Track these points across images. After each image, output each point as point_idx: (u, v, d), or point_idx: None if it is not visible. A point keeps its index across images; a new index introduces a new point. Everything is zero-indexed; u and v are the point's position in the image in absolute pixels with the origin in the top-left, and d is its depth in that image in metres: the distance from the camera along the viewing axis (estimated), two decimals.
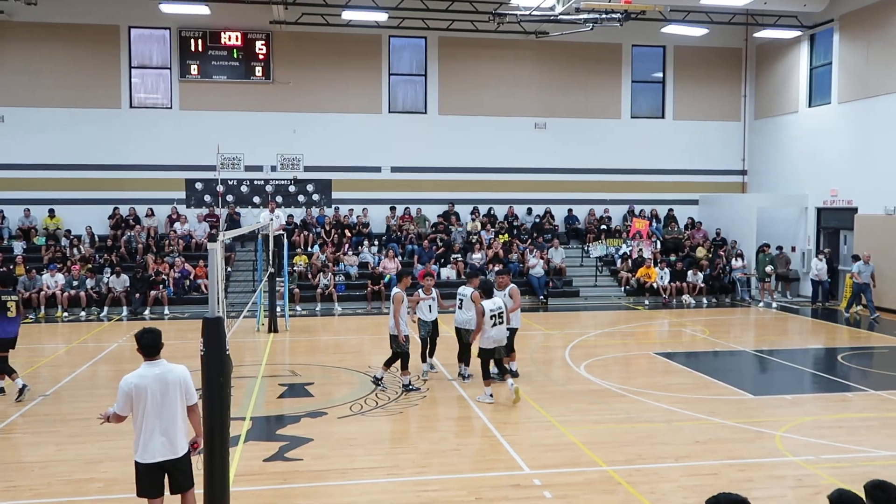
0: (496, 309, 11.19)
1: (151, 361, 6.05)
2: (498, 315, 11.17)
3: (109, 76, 24.07)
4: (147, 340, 6.04)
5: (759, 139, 27.13)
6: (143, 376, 5.98)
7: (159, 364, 6.06)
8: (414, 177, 25.75)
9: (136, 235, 23.11)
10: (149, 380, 5.96)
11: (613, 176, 26.89)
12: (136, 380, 5.96)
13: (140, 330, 6.14)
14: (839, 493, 4.16)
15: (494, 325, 11.15)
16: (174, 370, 6.12)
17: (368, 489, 7.98)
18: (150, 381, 5.96)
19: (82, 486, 8.04)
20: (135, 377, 5.98)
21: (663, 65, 27.21)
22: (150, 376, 5.98)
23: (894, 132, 21.04)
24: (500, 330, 11.21)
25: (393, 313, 11.84)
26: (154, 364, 6.04)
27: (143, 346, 6.05)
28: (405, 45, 25.90)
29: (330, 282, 21.71)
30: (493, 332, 11.15)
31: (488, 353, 11.27)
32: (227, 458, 6.85)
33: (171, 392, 6.01)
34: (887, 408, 11.22)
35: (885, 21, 21.34)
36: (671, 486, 8.05)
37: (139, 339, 6.07)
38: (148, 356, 6.06)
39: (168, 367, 6.11)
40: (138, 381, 5.95)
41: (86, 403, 11.32)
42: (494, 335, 11.18)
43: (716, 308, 22.45)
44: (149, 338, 6.04)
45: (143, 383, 5.94)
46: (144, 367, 6.04)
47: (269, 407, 11.20)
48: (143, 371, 6.01)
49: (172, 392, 6.01)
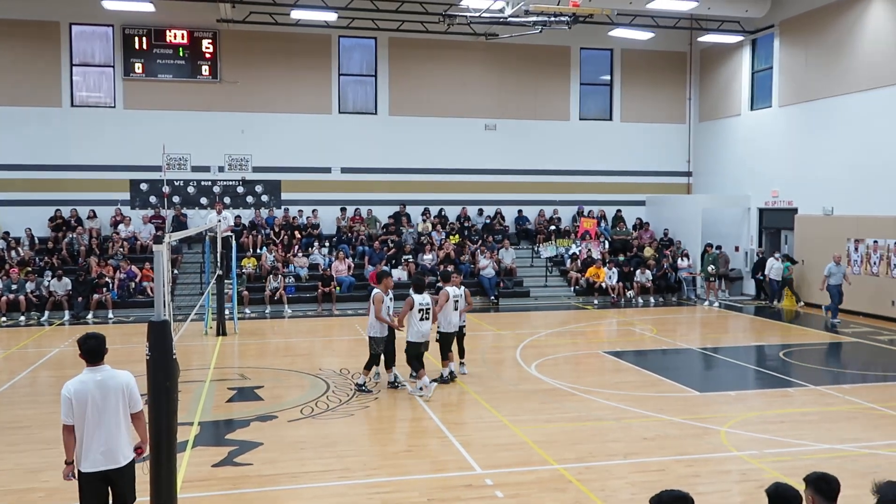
0: (424, 304, 11.66)
1: (93, 367, 5.87)
2: (425, 311, 11.65)
3: (50, 74, 23.39)
4: (90, 346, 5.85)
5: (704, 141, 27.73)
6: (83, 382, 5.80)
7: (101, 370, 5.87)
8: (364, 178, 25.65)
9: (78, 237, 22.52)
10: (89, 385, 5.78)
11: (562, 177, 27.19)
12: (77, 385, 5.78)
13: (83, 335, 5.94)
14: (776, 487, 4.28)
15: (422, 320, 11.63)
16: (117, 376, 5.93)
17: (320, 493, 7.92)
18: (91, 386, 5.78)
19: (23, 496, 7.80)
20: (75, 383, 5.80)
21: (611, 68, 27.62)
22: (91, 382, 5.80)
23: (832, 135, 21.73)
24: (427, 325, 11.71)
25: (375, 313, 11.72)
26: (96, 370, 5.86)
27: (85, 352, 5.86)
28: (355, 46, 25.78)
29: (279, 284, 21.47)
30: (421, 327, 11.62)
31: (415, 347, 11.70)
32: (175, 464, 6.72)
33: (113, 398, 5.82)
34: (827, 402, 11.57)
35: (822, 27, 22.02)
36: (620, 482, 8.17)
37: (82, 345, 5.88)
38: (90, 362, 5.88)
39: (111, 372, 5.92)
40: (78, 387, 5.77)
41: (25, 411, 10.99)
42: (422, 329, 11.64)
43: (663, 307, 22.87)
44: (92, 343, 5.85)
45: (83, 389, 5.75)
46: (86, 372, 5.86)
47: (218, 411, 11.02)
48: (83, 377, 5.84)
49: (114, 398, 5.82)
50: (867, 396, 11.82)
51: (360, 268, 23.07)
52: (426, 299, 11.80)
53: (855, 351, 16.29)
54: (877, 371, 14.43)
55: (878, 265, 19.79)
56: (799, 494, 4.24)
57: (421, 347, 11.79)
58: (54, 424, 10.21)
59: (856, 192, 20.80)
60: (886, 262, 19.62)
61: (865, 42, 20.57)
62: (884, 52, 19.97)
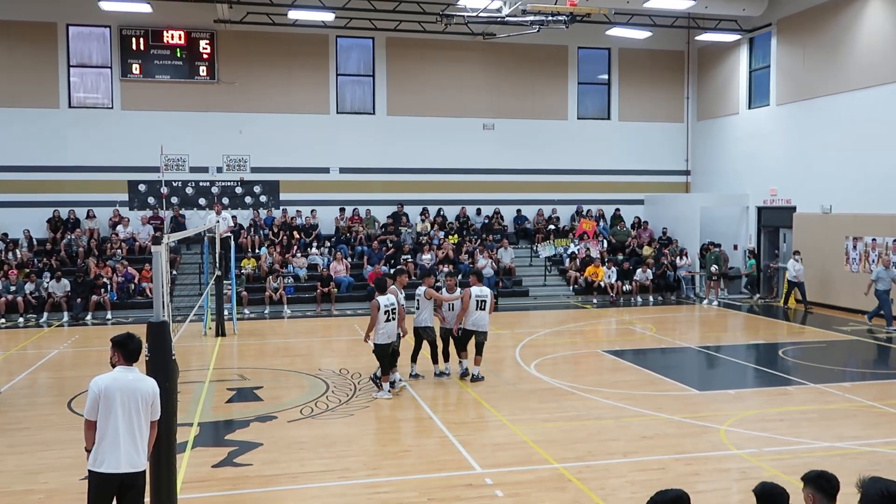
0: (390, 305, 11.64)
1: (127, 367, 5.76)
2: (391, 311, 11.63)
3: (47, 75, 23.35)
4: (135, 345, 5.78)
5: (702, 140, 27.74)
6: (116, 379, 5.68)
7: (133, 371, 5.78)
8: (363, 178, 25.63)
9: (76, 239, 22.50)
10: (121, 384, 5.66)
11: (561, 176, 27.19)
12: (109, 382, 5.65)
13: (124, 334, 5.84)
14: (762, 486, 4.32)
15: (388, 321, 11.59)
16: (146, 380, 5.86)
17: (319, 493, 7.92)
18: (122, 385, 5.66)
19: (21, 497, 7.79)
20: (106, 379, 5.67)
21: (608, 67, 27.62)
22: (123, 381, 5.69)
23: (829, 133, 21.74)
24: (392, 325, 11.67)
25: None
26: (129, 370, 5.76)
27: (129, 352, 5.77)
28: (352, 46, 25.77)
29: (279, 284, 21.46)
30: (387, 328, 11.56)
31: (383, 349, 11.61)
32: (174, 464, 6.72)
33: (142, 402, 5.72)
34: (826, 400, 11.58)
35: (820, 25, 22.03)
36: (620, 481, 8.17)
37: (125, 344, 5.77)
38: (127, 361, 5.77)
39: (140, 375, 5.83)
40: (110, 384, 5.64)
41: (25, 412, 10.98)
42: (388, 330, 11.58)
43: (662, 306, 22.88)
44: (136, 343, 5.79)
45: (114, 386, 5.63)
46: (119, 371, 5.75)
47: (218, 412, 11.02)
48: (117, 374, 5.73)
49: (143, 402, 5.72)
50: (866, 394, 11.83)
51: (358, 268, 23.06)
52: (391, 300, 11.70)
53: (854, 349, 16.30)
54: (876, 369, 14.44)
55: (876, 263, 19.78)
56: (785, 492, 4.26)
57: (389, 348, 11.67)
58: (53, 426, 10.25)
59: (854, 190, 20.81)
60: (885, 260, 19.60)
61: (863, 40, 20.59)
62: (881, 51, 19.98)
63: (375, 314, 11.50)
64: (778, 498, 4.22)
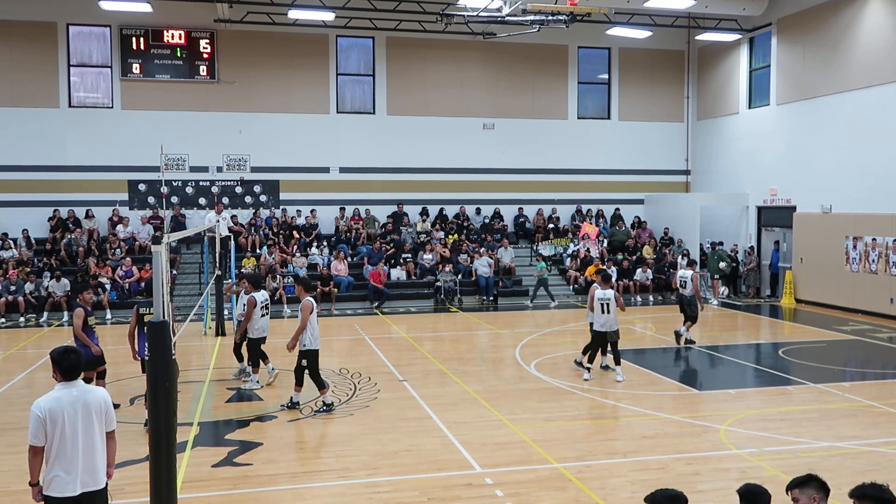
0: (264, 300, 12.28)
1: (68, 383, 5.40)
2: (265, 306, 12.26)
3: (47, 75, 23.35)
4: (71, 361, 5.38)
5: (702, 139, 27.74)
6: (58, 399, 5.31)
7: (76, 385, 5.41)
8: (363, 177, 25.63)
9: (76, 238, 22.49)
10: (64, 403, 5.30)
11: (561, 176, 27.19)
12: (51, 403, 5.28)
13: (59, 349, 5.50)
14: (747, 487, 4.45)
15: (263, 317, 12.22)
16: (93, 391, 5.52)
17: (319, 493, 7.91)
18: (66, 403, 5.30)
19: (21, 497, 7.78)
20: (48, 401, 5.29)
21: (608, 66, 27.61)
22: (67, 399, 5.32)
23: (829, 133, 21.74)
24: (266, 321, 12.30)
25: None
26: (71, 385, 5.39)
27: (65, 368, 5.39)
28: (353, 45, 25.76)
29: (279, 284, 21.45)
30: (261, 322, 12.18)
31: (257, 343, 12.18)
32: (174, 464, 6.72)
33: (91, 416, 5.38)
34: (826, 400, 11.58)
35: (820, 25, 22.02)
36: (620, 481, 8.17)
37: (60, 360, 5.39)
38: (68, 378, 5.41)
39: (86, 387, 5.48)
40: (53, 406, 5.27)
41: (24, 412, 10.93)
42: (262, 325, 12.18)
43: (662, 305, 22.87)
44: (73, 358, 5.40)
45: (58, 407, 5.27)
46: (59, 388, 5.38)
47: (218, 411, 11.01)
48: (57, 394, 5.35)
49: (94, 416, 5.39)
50: (866, 394, 11.83)
51: (359, 267, 23.05)
52: (265, 296, 12.42)
53: (854, 348, 16.29)
54: (876, 369, 14.44)
55: (876, 263, 19.80)
56: (768, 493, 4.36)
57: (261, 343, 12.22)
58: None
59: (854, 190, 20.80)
60: (885, 259, 19.63)
61: (863, 40, 20.58)
62: (881, 50, 19.98)
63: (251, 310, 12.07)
64: (759, 498, 4.30)
